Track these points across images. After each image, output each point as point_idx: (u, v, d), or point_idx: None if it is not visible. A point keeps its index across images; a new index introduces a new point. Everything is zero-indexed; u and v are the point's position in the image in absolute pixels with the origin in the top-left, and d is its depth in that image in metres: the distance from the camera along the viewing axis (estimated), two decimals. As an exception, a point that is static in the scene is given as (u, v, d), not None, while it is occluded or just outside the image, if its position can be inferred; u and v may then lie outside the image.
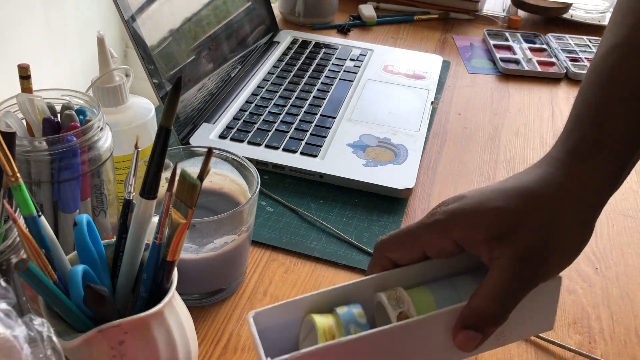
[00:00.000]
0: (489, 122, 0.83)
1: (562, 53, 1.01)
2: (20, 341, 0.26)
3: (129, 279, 0.38)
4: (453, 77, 0.94)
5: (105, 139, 0.48)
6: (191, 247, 0.48)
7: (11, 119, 0.46)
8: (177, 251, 0.36)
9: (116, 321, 0.34)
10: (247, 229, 0.50)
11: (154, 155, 0.35)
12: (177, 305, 0.39)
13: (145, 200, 0.36)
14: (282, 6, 1.10)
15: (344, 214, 0.64)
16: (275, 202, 0.65)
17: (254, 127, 0.74)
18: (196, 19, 0.77)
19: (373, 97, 0.83)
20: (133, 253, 0.38)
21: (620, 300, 0.56)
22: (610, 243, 0.63)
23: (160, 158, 0.36)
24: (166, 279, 0.37)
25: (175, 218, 0.35)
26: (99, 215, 0.51)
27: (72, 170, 0.46)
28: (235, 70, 0.85)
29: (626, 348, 0.52)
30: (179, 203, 0.35)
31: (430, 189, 0.69)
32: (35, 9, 1.67)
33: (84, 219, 0.37)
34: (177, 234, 0.35)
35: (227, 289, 0.53)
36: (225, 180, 0.54)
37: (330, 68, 0.89)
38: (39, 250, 0.33)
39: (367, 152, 0.71)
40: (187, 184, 0.34)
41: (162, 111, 0.35)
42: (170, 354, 0.38)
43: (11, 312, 0.27)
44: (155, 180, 0.36)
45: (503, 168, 0.74)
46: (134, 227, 0.37)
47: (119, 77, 0.56)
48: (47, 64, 1.74)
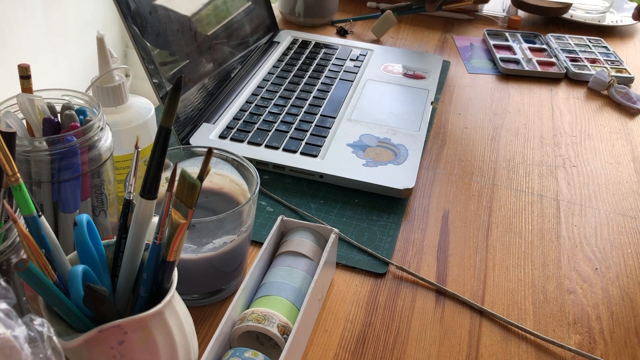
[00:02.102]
0: (489, 122, 0.83)
1: (562, 53, 1.01)
2: (21, 341, 0.26)
3: (129, 279, 0.38)
4: (453, 77, 0.95)
5: (105, 139, 0.48)
6: (191, 247, 0.48)
7: (11, 119, 0.46)
8: (177, 251, 0.36)
9: (116, 321, 0.34)
10: (247, 229, 0.50)
11: (154, 155, 0.35)
12: (177, 305, 0.39)
13: (145, 200, 0.36)
14: (282, 6, 1.10)
15: (344, 214, 0.64)
16: (275, 202, 0.65)
17: (254, 127, 0.74)
18: (196, 19, 0.76)
19: (373, 97, 0.83)
20: (133, 253, 0.38)
21: (620, 300, 0.57)
22: (610, 243, 0.63)
23: (160, 158, 0.36)
24: (166, 279, 0.37)
25: (175, 218, 0.35)
26: (99, 215, 0.51)
27: (72, 170, 0.46)
28: (235, 70, 0.85)
29: (626, 348, 0.52)
30: (179, 203, 0.35)
31: (430, 189, 0.69)
32: (35, 9, 1.67)
33: (84, 219, 0.36)
34: (177, 234, 0.35)
35: (227, 288, 0.53)
36: (225, 180, 0.54)
37: (330, 68, 0.89)
38: (39, 251, 0.33)
39: (367, 152, 0.71)
40: (187, 184, 0.34)
41: (162, 111, 0.35)
42: (170, 353, 0.38)
43: (11, 312, 0.27)
44: (155, 181, 0.36)
45: (503, 168, 0.74)
46: (134, 227, 0.37)
47: (118, 77, 0.56)
48: (47, 64, 1.74)
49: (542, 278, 0.58)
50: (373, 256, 0.59)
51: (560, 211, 0.67)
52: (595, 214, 0.67)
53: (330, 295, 0.55)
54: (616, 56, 1.03)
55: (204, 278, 0.51)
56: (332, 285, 0.56)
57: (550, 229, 0.64)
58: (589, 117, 0.87)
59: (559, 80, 0.96)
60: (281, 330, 0.44)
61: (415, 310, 0.54)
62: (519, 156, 0.76)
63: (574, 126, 0.84)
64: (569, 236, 0.64)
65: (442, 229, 0.63)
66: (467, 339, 0.51)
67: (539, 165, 0.75)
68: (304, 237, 0.53)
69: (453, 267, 0.59)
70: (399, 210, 0.65)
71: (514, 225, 0.65)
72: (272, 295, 0.47)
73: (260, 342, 0.48)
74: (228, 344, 0.46)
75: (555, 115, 0.86)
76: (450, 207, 0.67)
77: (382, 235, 0.61)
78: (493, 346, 0.51)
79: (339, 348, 0.50)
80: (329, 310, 0.53)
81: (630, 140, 0.82)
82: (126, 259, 0.38)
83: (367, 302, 0.54)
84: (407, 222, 0.64)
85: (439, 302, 0.55)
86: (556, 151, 0.78)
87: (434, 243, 0.61)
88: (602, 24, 1.15)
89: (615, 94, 0.91)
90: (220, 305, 0.53)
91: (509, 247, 0.62)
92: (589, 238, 0.64)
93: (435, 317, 0.53)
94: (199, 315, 0.51)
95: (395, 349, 0.50)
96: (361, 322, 0.52)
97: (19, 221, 0.31)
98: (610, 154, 0.78)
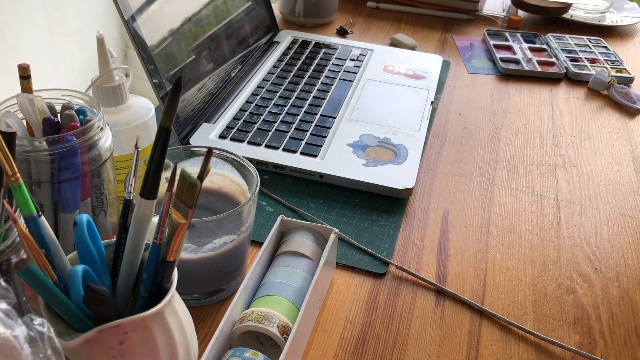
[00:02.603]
0: (489, 122, 0.83)
1: (562, 53, 1.01)
2: (21, 341, 0.26)
3: (128, 279, 0.38)
4: (453, 77, 0.95)
5: (106, 139, 0.48)
6: (191, 247, 0.48)
7: (11, 119, 0.46)
8: (177, 251, 0.36)
9: (116, 321, 0.34)
10: (247, 229, 0.50)
11: (154, 155, 0.35)
12: (177, 305, 0.39)
13: (145, 200, 0.36)
14: (282, 6, 1.10)
15: (344, 214, 0.64)
16: (275, 202, 0.65)
17: (254, 127, 0.74)
18: (196, 19, 0.76)
19: (373, 97, 0.83)
20: (133, 253, 0.38)
21: (620, 300, 0.57)
22: (610, 243, 0.63)
23: (160, 158, 0.36)
24: (166, 279, 0.37)
25: (175, 218, 0.35)
26: (99, 215, 0.51)
27: (72, 170, 0.46)
28: (235, 70, 0.85)
29: (626, 348, 0.52)
30: (179, 203, 0.35)
31: (430, 189, 0.69)
32: (35, 9, 1.67)
33: (84, 219, 0.36)
34: (177, 234, 0.35)
35: (227, 288, 0.53)
36: (225, 180, 0.54)
37: (330, 68, 0.89)
38: (39, 250, 0.33)
39: (367, 152, 0.71)
40: (187, 184, 0.34)
41: (162, 111, 0.35)
42: (170, 353, 0.38)
43: (11, 312, 0.27)
44: (155, 180, 0.36)
45: (503, 168, 0.74)
46: (134, 227, 0.37)
47: (118, 77, 0.56)
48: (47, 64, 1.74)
49: (542, 278, 0.58)
50: (373, 256, 0.59)
51: (560, 211, 0.67)
52: (595, 214, 0.67)
53: (330, 295, 0.55)
54: (616, 56, 1.03)
55: (204, 278, 0.51)
56: (332, 285, 0.56)
57: (550, 229, 0.64)
58: (589, 117, 0.87)
59: (559, 80, 0.96)
60: (281, 330, 0.44)
61: (415, 310, 0.54)
62: (519, 156, 0.76)
63: (574, 126, 0.84)
64: (569, 236, 0.64)
65: (442, 229, 0.63)
66: (467, 339, 0.51)
67: (539, 165, 0.75)
68: (304, 237, 0.53)
69: (453, 267, 0.59)
70: (399, 210, 0.65)
71: (514, 225, 0.65)
72: (272, 295, 0.47)
73: (260, 342, 0.48)
74: (228, 344, 0.46)
75: (555, 115, 0.86)
76: (450, 207, 0.67)
77: (382, 235, 0.61)
78: (493, 346, 0.51)
79: (339, 348, 0.50)
80: (329, 310, 0.53)
81: (630, 140, 0.82)
82: (126, 258, 0.38)
83: (367, 302, 0.54)
84: (407, 222, 0.64)
85: (439, 302, 0.55)
86: (556, 151, 0.78)
87: (434, 243, 0.61)
88: (602, 24, 1.15)
89: (615, 94, 0.91)
90: (220, 305, 0.53)
91: (509, 247, 0.62)
92: (589, 238, 0.64)
93: (435, 317, 0.53)
94: (199, 315, 0.51)
95: (395, 349, 0.50)
96: (361, 322, 0.52)
97: (19, 221, 0.31)
98: (610, 154, 0.78)
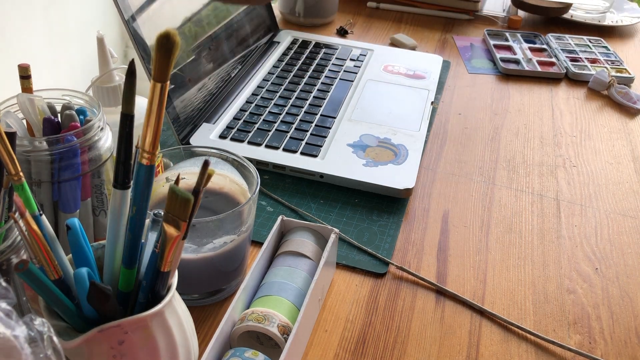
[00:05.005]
0: (489, 122, 0.83)
1: (562, 53, 1.01)
2: (21, 341, 0.26)
3: (113, 275, 0.38)
4: (453, 77, 0.95)
5: (106, 139, 0.48)
6: (191, 247, 0.48)
7: (11, 119, 0.46)
8: (172, 262, 0.35)
9: (116, 321, 0.34)
10: (247, 229, 0.50)
11: (121, 144, 0.35)
12: (177, 305, 0.39)
13: (119, 190, 0.35)
14: (282, 6, 1.10)
15: (344, 214, 0.64)
16: (275, 202, 0.65)
17: (254, 127, 0.74)
18: (196, 19, 0.76)
19: (373, 97, 0.83)
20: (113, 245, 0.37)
21: (620, 300, 0.57)
22: (610, 243, 0.63)
23: (127, 145, 0.35)
24: (161, 288, 0.36)
25: (168, 232, 0.34)
26: (99, 215, 0.51)
27: (72, 170, 0.46)
28: (235, 70, 0.85)
29: (626, 348, 0.52)
30: (171, 218, 0.33)
31: (430, 189, 0.69)
32: (36, 9, 1.67)
33: (76, 223, 0.36)
34: (169, 246, 0.34)
35: (227, 288, 0.53)
36: (225, 180, 0.54)
37: (330, 68, 0.89)
38: (46, 246, 0.33)
39: (367, 152, 0.71)
40: (179, 200, 0.33)
41: (122, 98, 0.34)
42: (170, 353, 0.38)
43: (11, 312, 0.27)
44: (125, 169, 0.35)
45: (503, 168, 0.74)
46: (111, 219, 0.36)
47: (118, 77, 0.56)
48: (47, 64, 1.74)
49: (542, 278, 0.58)
50: (373, 256, 0.59)
51: (560, 211, 0.67)
52: (595, 214, 0.67)
53: (331, 295, 0.55)
54: (616, 56, 1.03)
55: (204, 278, 0.51)
56: (332, 285, 0.56)
57: (550, 229, 0.64)
58: (589, 117, 0.87)
59: (559, 80, 0.96)
60: (281, 330, 0.44)
61: (415, 310, 0.54)
62: (519, 156, 0.76)
63: (574, 126, 0.84)
64: (569, 236, 0.64)
65: (442, 229, 0.63)
66: (467, 339, 0.51)
67: (539, 165, 0.75)
68: (304, 237, 0.53)
69: (453, 267, 0.59)
70: (399, 210, 0.65)
71: (514, 225, 0.65)
72: (272, 295, 0.47)
73: (260, 342, 0.48)
74: (228, 344, 0.46)
75: (555, 115, 0.86)
76: (450, 207, 0.67)
77: (382, 235, 0.61)
78: (493, 346, 0.51)
79: (339, 348, 0.50)
80: (329, 310, 0.53)
81: (630, 140, 0.82)
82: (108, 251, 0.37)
83: (367, 302, 0.54)
84: (407, 222, 0.64)
85: (439, 302, 0.55)
86: (556, 151, 0.78)
87: (434, 243, 0.61)
88: (602, 24, 1.15)
89: (616, 94, 0.91)
90: (220, 305, 0.53)
91: (509, 247, 0.62)
92: (589, 238, 0.64)
93: (435, 317, 0.53)
94: (199, 315, 0.51)
95: (395, 349, 0.50)
96: (361, 322, 0.52)
97: (27, 215, 0.31)
98: (610, 154, 0.78)
